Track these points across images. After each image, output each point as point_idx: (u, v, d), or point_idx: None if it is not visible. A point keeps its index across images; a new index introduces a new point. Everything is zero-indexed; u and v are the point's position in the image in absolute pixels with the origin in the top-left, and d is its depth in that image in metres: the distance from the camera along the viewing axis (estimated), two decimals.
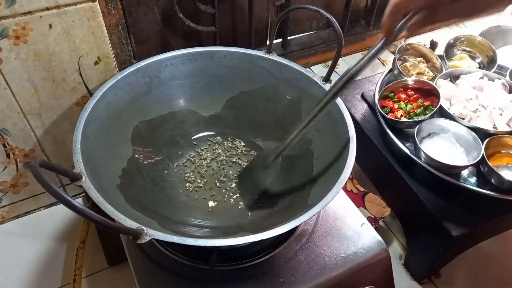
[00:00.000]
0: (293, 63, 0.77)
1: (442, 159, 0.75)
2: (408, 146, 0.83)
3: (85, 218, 0.42)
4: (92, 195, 0.53)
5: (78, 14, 0.68)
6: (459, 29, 1.50)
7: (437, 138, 0.83)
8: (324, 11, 0.69)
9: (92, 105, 0.65)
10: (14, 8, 0.62)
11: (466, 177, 0.79)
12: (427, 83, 0.88)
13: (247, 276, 0.63)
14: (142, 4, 0.87)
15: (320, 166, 0.71)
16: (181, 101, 0.81)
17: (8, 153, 0.80)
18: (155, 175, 0.74)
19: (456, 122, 0.82)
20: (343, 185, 0.58)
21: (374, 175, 0.97)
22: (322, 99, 0.59)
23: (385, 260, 0.68)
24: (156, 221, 0.62)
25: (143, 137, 0.76)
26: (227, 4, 0.98)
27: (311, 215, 0.54)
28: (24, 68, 0.69)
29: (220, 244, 0.52)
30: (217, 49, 0.79)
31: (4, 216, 0.91)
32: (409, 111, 0.86)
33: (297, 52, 1.20)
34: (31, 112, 0.76)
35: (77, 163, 0.57)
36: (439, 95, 0.84)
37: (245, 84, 0.81)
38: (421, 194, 0.80)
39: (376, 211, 0.92)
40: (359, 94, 1.00)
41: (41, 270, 0.85)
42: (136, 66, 0.73)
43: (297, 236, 0.68)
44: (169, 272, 0.63)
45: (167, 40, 0.96)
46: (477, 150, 0.77)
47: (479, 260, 0.93)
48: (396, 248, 0.94)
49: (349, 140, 0.64)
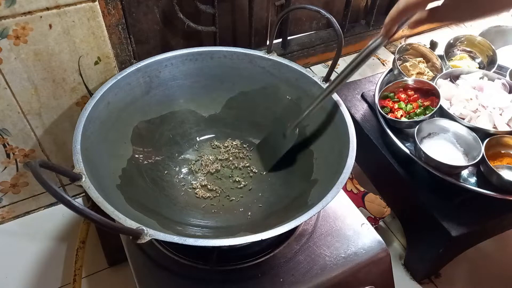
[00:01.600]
0: (293, 63, 0.77)
1: (442, 159, 0.75)
2: (408, 146, 0.83)
3: (85, 218, 0.42)
4: (92, 195, 0.53)
5: (78, 14, 0.68)
6: (459, 29, 1.50)
7: (437, 138, 0.83)
8: (324, 11, 0.69)
9: (92, 105, 0.65)
10: (14, 8, 0.62)
11: (466, 177, 0.79)
12: (427, 83, 0.88)
13: (247, 276, 0.63)
14: (142, 4, 0.87)
15: (320, 166, 0.71)
16: (181, 101, 0.81)
17: (8, 153, 0.80)
18: (155, 175, 0.74)
19: (456, 122, 0.82)
20: (343, 185, 0.58)
21: (374, 175, 0.97)
22: (344, 71, 0.64)
23: (385, 260, 0.68)
24: (156, 221, 0.62)
25: (143, 137, 0.76)
26: (227, 4, 0.98)
27: (311, 215, 0.54)
28: (24, 68, 0.69)
29: (220, 244, 0.52)
30: (217, 49, 0.79)
31: (4, 216, 0.91)
32: (409, 111, 0.86)
33: (297, 52, 1.20)
34: (31, 112, 0.76)
35: (77, 163, 0.57)
36: (439, 95, 0.84)
37: (245, 84, 0.81)
38: (421, 194, 0.80)
39: (376, 211, 0.92)
40: (359, 94, 1.00)
41: (41, 270, 0.85)
42: (136, 66, 0.73)
43: (297, 236, 0.68)
44: (169, 272, 0.63)
45: (167, 40, 0.96)
46: (477, 150, 0.77)
47: (479, 260, 0.93)
48: (396, 248, 0.94)
49: (349, 140, 0.64)
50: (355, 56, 0.61)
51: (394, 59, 0.94)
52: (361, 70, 1.27)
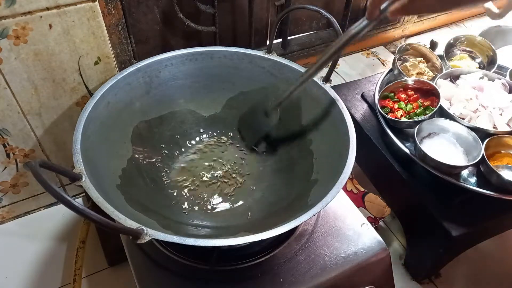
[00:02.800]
0: (293, 63, 0.77)
1: (442, 159, 0.75)
2: (408, 146, 0.83)
3: (85, 218, 0.42)
4: (92, 195, 0.53)
5: (78, 14, 0.68)
6: (459, 29, 1.50)
7: (437, 138, 0.83)
8: (324, 11, 0.69)
9: (92, 105, 0.65)
10: (14, 8, 0.62)
11: (466, 177, 0.79)
12: (427, 83, 0.88)
13: (247, 276, 0.63)
14: (142, 4, 0.87)
15: (320, 166, 0.71)
16: (181, 101, 0.81)
17: (8, 153, 0.80)
18: (155, 175, 0.74)
19: (456, 122, 0.82)
20: (343, 185, 0.58)
21: (374, 175, 0.97)
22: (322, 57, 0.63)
23: (385, 260, 0.68)
24: (156, 221, 0.62)
25: (143, 137, 0.76)
26: (227, 4, 0.97)
27: (311, 215, 0.54)
28: (24, 68, 0.69)
29: (220, 244, 0.52)
30: (217, 49, 0.79)
31: (4, 216, 0.91)
32: (409, 111, 0.86)
33: (297, 52, 1.20)
34: (31, 112, 0.76)
35: (77, 163, 0.57)
36: (439, 95, 0.84)
37: (245, 84, 0.81)
38: (421, 194, 0.80)
39: (376, 211, 0.92)
40: (359, 94, 1.00)
41: (41, 270, 0.85)
42: (136, 66, 0.73)
43: (297, 236, 0.68)
44: (169, 272, 0.63)
45: (167, 40, 0.96)
46: (477, 150, 0.77)
47: (479, 260, 0.93)
48: (396, 248, 0.94)
49: (349, 140, 0.64)
50: (340, 37, 0.61)
51: (394, 59, 0.94)
52: (361, 70, 1.28)
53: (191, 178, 0.76)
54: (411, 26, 1.40)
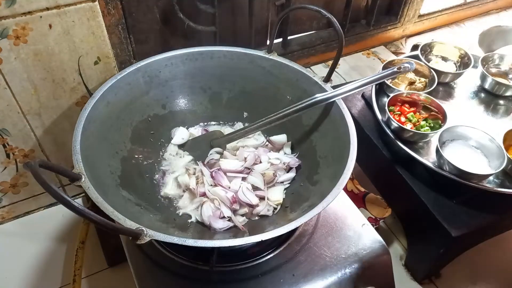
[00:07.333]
0: (294, 63, 0.77)
1: (467, 168, 0.73)
2: (408, 146, 0.82)
3: (85, 219, 0.42)
4: (92, 195, 0.53)
5: (78, 14, 0.68)
6: (459, 29, 1.50)
7: (453, 145, 0.82)
8: (325, 11, 0.69)
9: (92, 105, 0.65)
10: (14, 8, 0.62)
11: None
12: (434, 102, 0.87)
13: (247, 277, 0.63)
14: (142, 4, 0.86)
15: (320, 166, 0.71)
16: (181, 101, 0.81)
17: (8, 153, 0.80)
18: (155, 175, 0.74)
19: (474, 128, 0.81)
20: (344, 186, 0.58)
21: (374, 176, 0.96)
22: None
23: (385, 261, 0.68)
24: (156, 221, 0.62)
25: (143, 137, 0.75)
26: (227, 3, 0.97)
27: (312, 216, 0.54)
28: (24, 68, 0.69)
29: (220, 245, 0.52)
30: (217, 49, 0.79)
31: (4, 216, 0.91)
32: (415, 122, 0.85)
33: (298, 52, 1.20)
34: (31, 112, 0.76)
35: (77, 163, 0.57)
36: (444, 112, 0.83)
37: (245, 84, 0.81)
38: (422, 194, 0.80)
39: (376, 212, 0.92)
40: (359, 94, 1.00)
41: (41, 270, 0.85)
42: (136, 66, 0.73)
43: (298, 237, 0.68)
44: (169, 272, 0.63)
45: (167, 40, 0.96)
46: (500, 157, 0.75)
47: (479, 260, 0.93)
48: (396, 248, 0.94)
49: (350, 140, 0.64)
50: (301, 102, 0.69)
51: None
52: (361, 70, 1.28)
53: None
54: (412, 26, 1.40)
